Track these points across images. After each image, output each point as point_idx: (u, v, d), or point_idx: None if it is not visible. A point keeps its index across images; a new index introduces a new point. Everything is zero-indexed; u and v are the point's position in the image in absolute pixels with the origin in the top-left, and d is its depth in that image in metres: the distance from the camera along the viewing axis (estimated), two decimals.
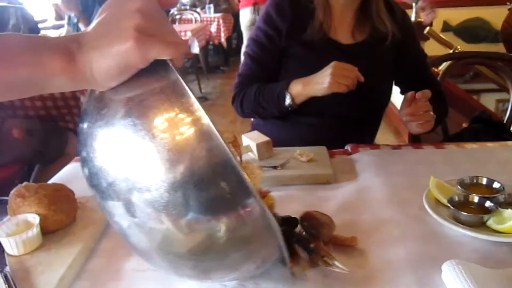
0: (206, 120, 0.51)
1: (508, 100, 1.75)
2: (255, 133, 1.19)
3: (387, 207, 0.91)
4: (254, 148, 1.13)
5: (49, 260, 0.76)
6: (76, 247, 0.79)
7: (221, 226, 0.53)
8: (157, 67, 0.54)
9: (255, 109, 1.42)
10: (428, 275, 0.71)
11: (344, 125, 1.40)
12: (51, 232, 0.84)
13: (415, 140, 1.65)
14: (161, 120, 0.52)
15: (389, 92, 1.49)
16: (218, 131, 0.51)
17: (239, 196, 0.52)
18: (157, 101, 0.53)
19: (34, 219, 0.80)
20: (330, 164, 1.11)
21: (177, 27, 4.77)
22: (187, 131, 0.51)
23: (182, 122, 0.51)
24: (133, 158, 0.52)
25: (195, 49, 4.58)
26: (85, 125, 0.58)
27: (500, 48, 3.56)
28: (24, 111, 2.18)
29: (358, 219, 0.88)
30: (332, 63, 1.23)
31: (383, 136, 1.62)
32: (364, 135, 1.50)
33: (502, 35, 3.60)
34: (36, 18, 3.41)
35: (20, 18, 2.95)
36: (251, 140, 1.15)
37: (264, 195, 0.81)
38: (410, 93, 1.20)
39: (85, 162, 0.58)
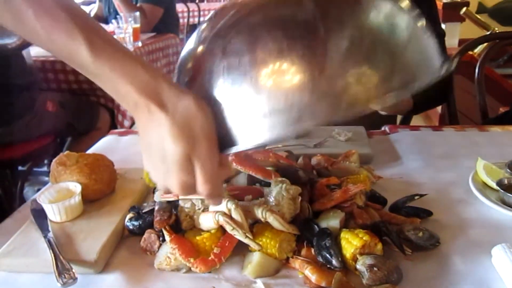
0: None
1: None
2: None
3: (431, 190, 0.88)
4: None
5: (90, 228, 0.77)
6: (116, 217, 0.79)
7: None
8: None
9: None
10: (477, 260, 0.68)
11: None
12: (91, 201, 0.84)
13: (451, 124, 1.60)
14: None
15: None
16: None
17: None
18: None
19: (76, 187, 0.81)
20: (369, 143, 1.08)
21: (205, 5, 4.73)
22: None
23: None
24: None
25: None
26: None
27: None
28: (57, 84, 2.22)
29: None
30: None
31: (412, 120, 1.59)
32: (385, 118, 1.44)
33: None
34: None
35: None
36: None
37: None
38: None
39: None
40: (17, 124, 1.84)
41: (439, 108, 2.83)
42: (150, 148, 0.53)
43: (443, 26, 3.25)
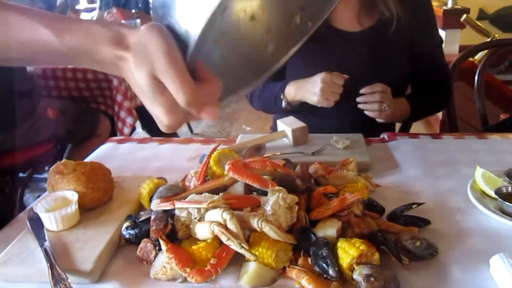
0: None
1: None
2: (290, 118, 1.17)
3: (429, 198, 0.87)
4: (289, 134, 1.11)
5: (87, 237, 0.76)
6: (113, 226, 0.79)
7: None
8: None
9: (262, 108, 1.46)
10: (475, 269, 0.68)
11: (361, 113, 1.28)
12: (88, 210, 0.84)
13: (452, 131, 1.60)
14: None
15: (403, 77, 1.39)
16: None
17: None
18: None
19: (73, 196, 0.80)
20: (367, 151, 1.08)
21: None
22: None
23: None
24: None
25: None
26: None
27: None
28: (58, 92, 2.22)
29: None
30: (322, 76, 1.20)
31: (412, 126, 1.59)
32: (384, 125, 1.43)
33: None
34: None
35: None
36: (286, 125, 1.13)
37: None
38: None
39: None
40: (18, 131, 1.85)
41: (440, 115, 2.83)
42: (137, 91, 0.54)
43: (443, 32, 3.25)
